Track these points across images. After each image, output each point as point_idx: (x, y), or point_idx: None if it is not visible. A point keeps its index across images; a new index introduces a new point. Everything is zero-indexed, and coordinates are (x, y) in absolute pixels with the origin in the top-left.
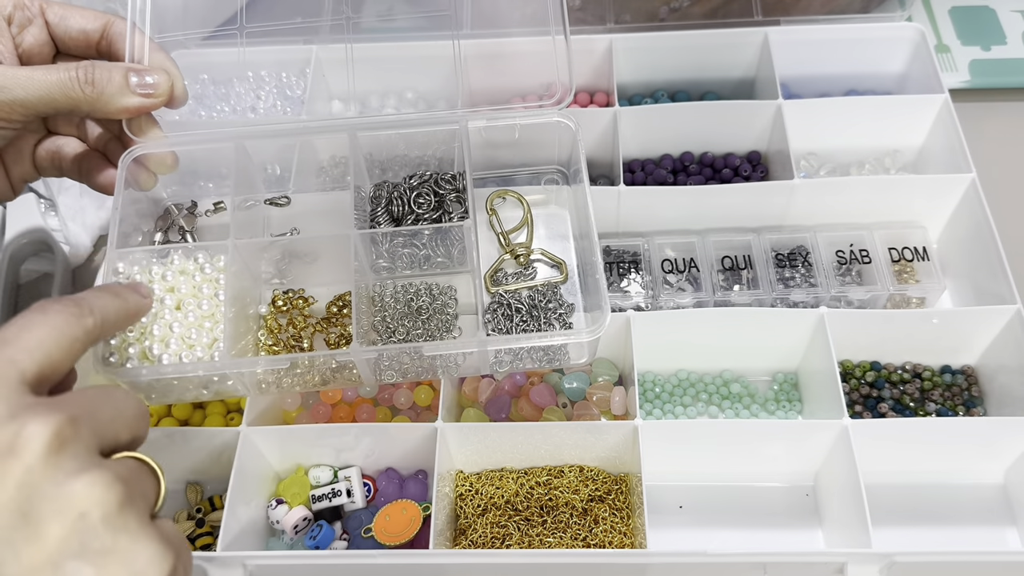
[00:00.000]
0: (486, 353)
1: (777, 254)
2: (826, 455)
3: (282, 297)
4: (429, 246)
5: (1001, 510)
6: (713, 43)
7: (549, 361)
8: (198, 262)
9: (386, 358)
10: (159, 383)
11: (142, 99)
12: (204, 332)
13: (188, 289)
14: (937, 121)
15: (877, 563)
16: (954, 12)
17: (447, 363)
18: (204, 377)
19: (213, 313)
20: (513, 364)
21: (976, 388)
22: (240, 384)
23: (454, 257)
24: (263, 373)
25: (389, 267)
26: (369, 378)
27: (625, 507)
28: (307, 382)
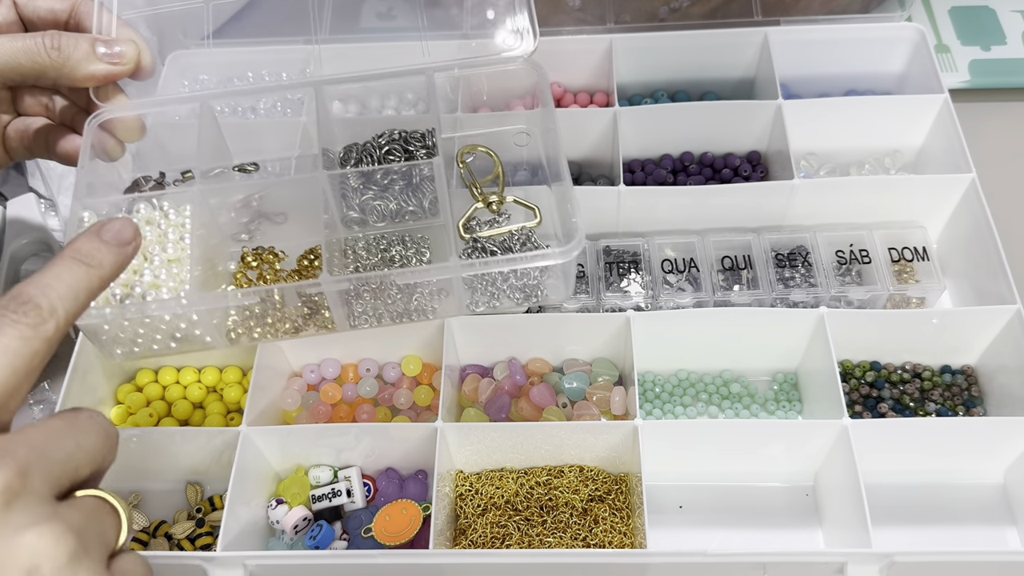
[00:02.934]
0: (460, 288)
1: (777, 254)
2: (826, 455)
3: (251, 253)
4: (400, 198)
5: (1001, 510)
6: (713, 43)
7: (527, 296)
8: (164, 210)
9: (358, 298)
10: (125, 331)
11: (109, 67)
12: (171, 276)
13: (154, 237)
14: (937, 121)
15: (877, 563)
16: (954, 12)
17: (423, 306)
18: (172, 325)
19: (179, 258)
20: (490, 303)
21: (976, 388)
22: (209, 333)
23: (426, 208)
24: (232, 322)
25: (361, 220)
26: (342, 322)
27: (625, 507)
28: (278, 330)
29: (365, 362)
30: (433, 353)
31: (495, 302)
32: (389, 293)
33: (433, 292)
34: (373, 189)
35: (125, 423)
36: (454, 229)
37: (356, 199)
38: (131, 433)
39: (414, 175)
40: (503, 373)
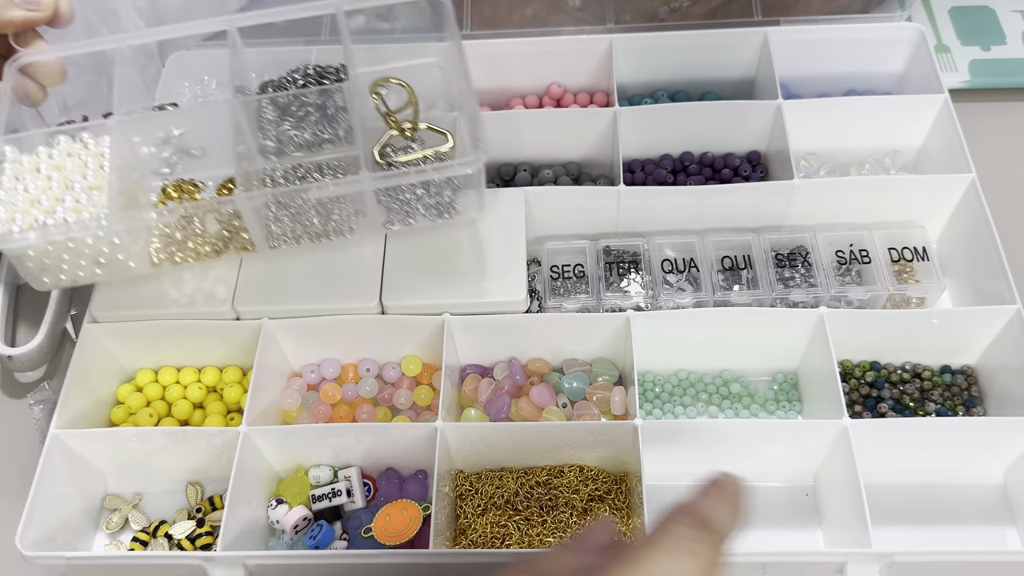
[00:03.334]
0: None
1: (777, 254)
2: (826, 455)
3: (172, 186)
4: (316, 128)
5: (1001, 510)
6: (713, 43)
7: (439, 213)
8: (83, 141)
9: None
10: (51, 257)
11: (27, 13)
12: (92, 201)
13: (75, 166)
14: (937, 121)
15: (877, 563)
16: (954, 12)
17: (340, 226)
18: (95, 249)
19: (100, 185)
20: (405, 220)
21: (976, 388)
22: (133, 258)
23: (342, 137)
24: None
25: (277, 150)
26: (261, 243)
27: (625, 507)
28: (200, 253)
29: (365, 362)
30: (433, 353)
31: (410, 220)
32: (306, 215)
33: (350, 213)
34: (289, 120)
35: (125, 423)
36: (369, 156)
37: (272, 131)
38: (131, 433)
39: (329, 106)
40: (503, 373)
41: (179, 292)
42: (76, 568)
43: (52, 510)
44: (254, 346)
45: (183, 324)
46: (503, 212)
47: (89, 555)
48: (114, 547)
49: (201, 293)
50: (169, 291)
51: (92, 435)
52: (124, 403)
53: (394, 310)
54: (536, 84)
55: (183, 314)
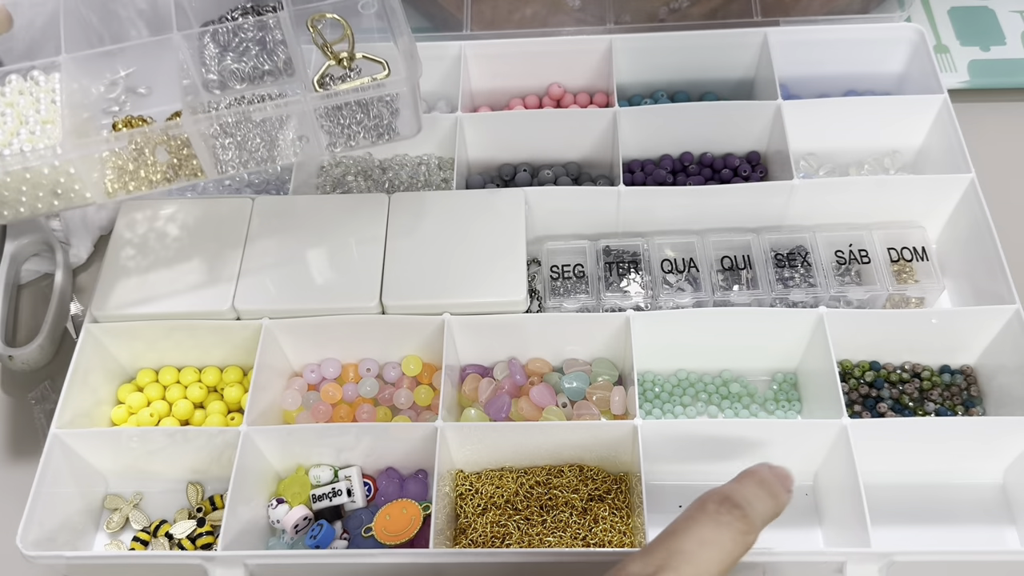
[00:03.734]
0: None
1: (776, 254)
2: (825, 455)
3: (122, 122)
4: (256, 60)
5: (1000, 510)
6: (712, 44)
7: (379, 135)
8: (34, 78)
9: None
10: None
11: None
12: (46, 134)
13: (27, 103)
14: (936, 121)
15: (876, 563)
16: (953, 12)
17: (284, 148)
18: (51, 179)
19: (52, 119)
20: (347, 143)
21: (975, 388)
22: (88, 188)
23: (282, 68)
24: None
25: (220, 83)
26: (211, 169)
27: (625, 506)
28: (152, 181)
29: (365, 362)
30: (433, 353)
31: (351, 142)
32: (252, 142)
33: (294, 139)
34: (230, 55)
35: (126, 423)
36: (309, 86)
37: (215, 66)
38: (132, 433)
39: (268, 40)
40: (503, 373)
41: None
42: (77, 568)
43: (53, 510)
44: (254, 346)
45: (184, 324)
46: (503, 212)
47: (90, 555)
48: (115, 547)
49: (202, 293)
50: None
51: (93, 435)
52: (125, 403)
53: (394, 310)
54: (536, 84)
55: (184, 314)
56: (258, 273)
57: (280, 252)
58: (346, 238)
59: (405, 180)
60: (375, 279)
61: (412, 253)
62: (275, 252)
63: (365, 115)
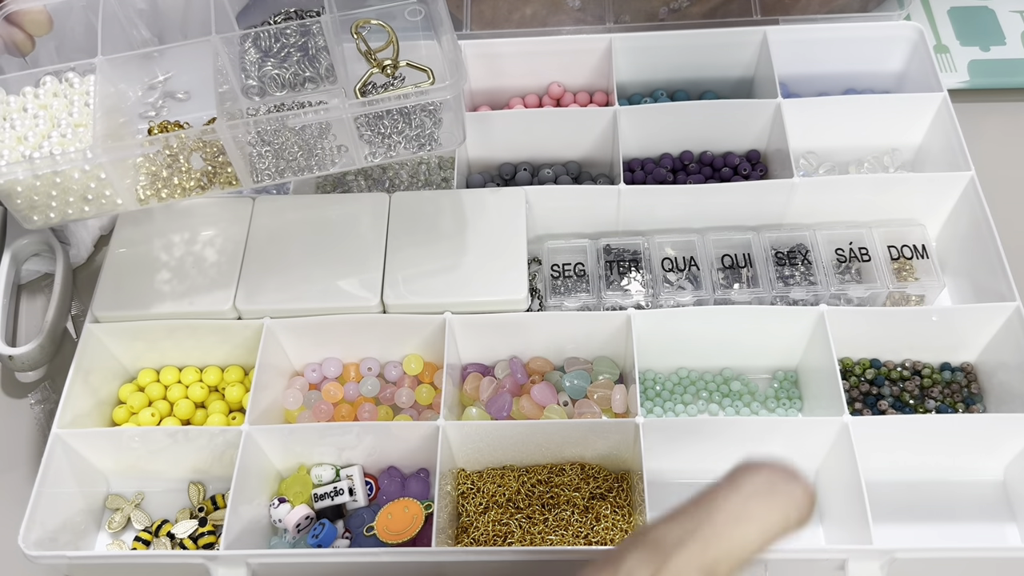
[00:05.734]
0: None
1: (777, 252)
2: (826, 452)
3: (158, 127)
4: (297, 66)
5: (1001, 506)
6: (712, 42)
7: (420, 145)
8: (68, 80)
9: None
10: (39, 193)
11: None
12: (78, 137)
13: (61, 104)
14: (936, 119)
15: (878, 560)
16: (953, 12)
17: (323, 160)
18: (82, 185)
19: (85, 122)
20: (387, 153)
21: (975, 385)
22: (120, 194)
23: (323, 75)
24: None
25: (260, 89)
26: (246, 178)
27: (626, 505)
28: (185, 188)
29: (367, 361)
30: (434, 352)
31: (391, 152)
32: (289, 151)
33: (332, 148)
34: (271, 61)
35: (127, 423)
36: (351, 93)
37: (255, 71)
38: (133, 433)
39: (310, 46)
40: (504, 372)
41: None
42: (79, 568)
43: (54, 510)
44: (256, 345)
45: (185, 324)
46: (504, 211)
47: (91, 555)
48: (116, 547)
49: (203, 292)
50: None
51: (94, 435)
52: (126, 403)
53: (395, 309)
54: (536, 84)
55: (185, 314)
56: (259, 272)
57: (281, 251)
58: (346, 237)
59: (405, 179)
60: (376, 278)
61: (413, 252)
62: (276, 251)
63: (407, 124)
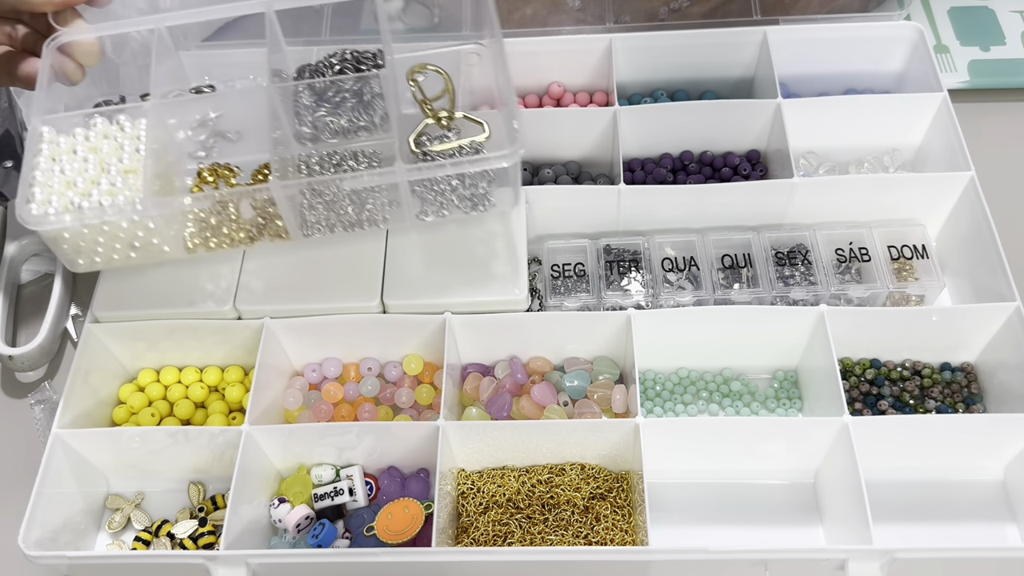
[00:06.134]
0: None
1: (777, 252)
2: (827, 452)
3: (207, 169)
4: (352, 115)
5: (1001, 506)
6: (712, 42)
7: (474, 205)
8: (119, 123)
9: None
10: (86, 240)
11: None
12: (127, 185)
13: (111, 149)
14: (936, 119)
15: (878, 559)
16: (953, 12)
17: (374, 216)
18: (130, 233)
19: (135, 168)
20: (439, 212)
21: (975, 385)
22: (167, 242)
23: (378, 124)
24: (189, 233)
25: (313, 136)
26: (295, 231)
27: (626, 505)
28: (234, 239)
29: (367, 361)
30: (434, 352)
31: (444, 211)
32: (341, 204)
33: (384, 203)
34: (325, 107)
35: (127, 423)
36: (405, 144)
37: (308, 116)
38: (133, 433)
39: (365, 92)
40: (504, 372)
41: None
42: (79, 568)
43: (54, 510)
44: (256, 345)
45: (185, 324)
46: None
47: (91, 555)
48: (116, 547)
49: (203, 293)
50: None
51: (94, 435)
52: (126, 403)
53: (395, 309)
54: (536, 84)
55: (185, 314)
56: (259, 273)
57: (281, 252)
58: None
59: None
60: (376, 278)
61: (413, 252)
62: (276, 252)
63: (461, 183)
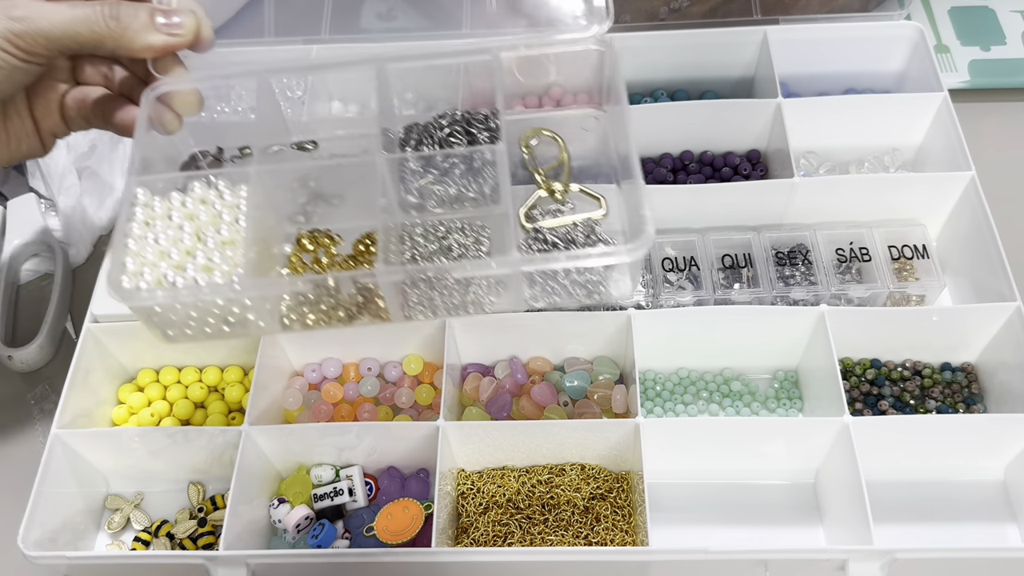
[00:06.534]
0: (520, 282)
1: (777, 252)
2: (827, 452)
3: (307, 236)
4: (460, 183)
5: (1001, 506)
6: (712, 42)
7: (588, 294)
8: (219, 190)
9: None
10: (177, 314)
11: (167, 38)
12: (224, 259)
13: (208, 217)
14: (936, 119)
15: (878, 560)
16: (953, 12)
17: (479, 298)
18: (224, 308)
19: (234, 240)
20: (551, 297)
21: (976, 385)
22: (262, 318)
23: (487, 195)
24: (286, 308)
25: (419, 205)
26: (396, 312)
27: (626, 505)
28: (332, 317)
29: (366, 361)
30: (434, 352)
31: (555, 298)
32: (445, 285)
33: (491, 285)
34: (433, 173)
35: (127, 423)
36: (515, 218)
37: (415, 182)
38: (133, 433)
39: (475, 159)
40: (504, 372)
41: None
42: (78, 568)
43: (54, 510)
44: (255, 345)
45: None
46: None
47: (91, 555)
48: (116, 547)
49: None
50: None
51: (93, 435)
52: (125, 403)
53: None
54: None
55: None
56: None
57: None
58: None
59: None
60: None
61: None
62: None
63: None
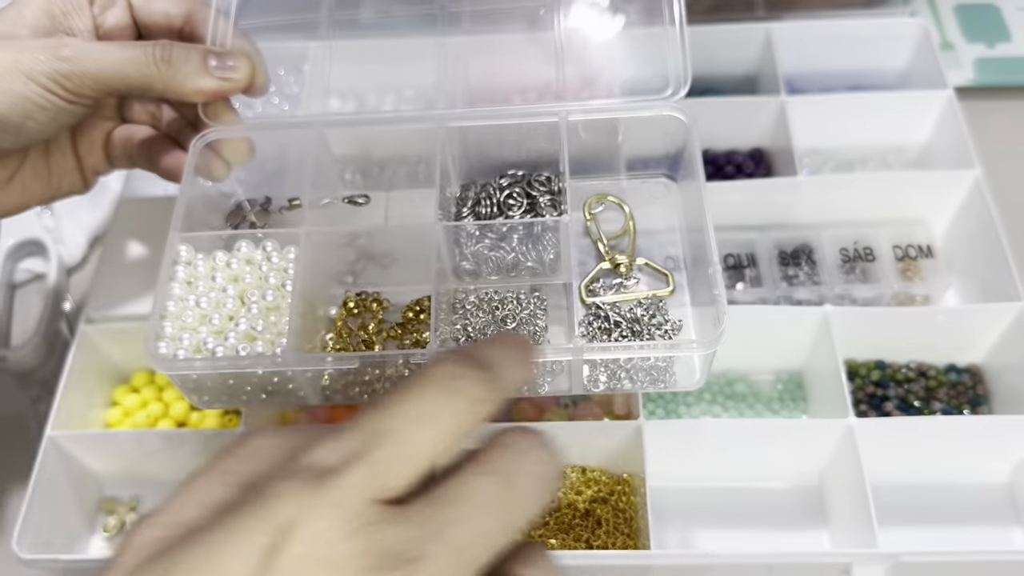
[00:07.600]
0: (580, 366)
1: (781, 252)
2: (831, 455)
3: (354, 299)
4: (519, 250)
5: (1007, 509)
6: (715, 39)
7: (653, 381)
8: (266, 251)
9: None
10: (214, 380)
11: (219, 82)
12: (268, 326)
13: (253, 279)
14: (942, 117)
15: (883, 563)
16: (958, 10)
17: (534, 379)
18: (264, 377)
19: (279, 306)
20: (610, 383)
21: (982, 386)
22: (303, 388)
23: (546, 264)
24: (329, 377)
25: (473, 271)
26: None
27: (628, 508)
28: (376, 391)
29: None
30: None
31: (615, 383)
32: None
33: (548, 365)
34: (490, 237)
35: (122, 425)
36: (575, 291)
37: (471, 246)
38: (128, 435)
39: (536, 226)
40: None
41: None
42: (73, 571)
43: (48, 513)
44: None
45: None
46: None
47: (86, 558)
48: (111, 550)
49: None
50: None
51: (88, 437)
52: (120, 405)
53: None
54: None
55: None
56: None
57: None
58: None
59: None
60: None
61: None
62: None
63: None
